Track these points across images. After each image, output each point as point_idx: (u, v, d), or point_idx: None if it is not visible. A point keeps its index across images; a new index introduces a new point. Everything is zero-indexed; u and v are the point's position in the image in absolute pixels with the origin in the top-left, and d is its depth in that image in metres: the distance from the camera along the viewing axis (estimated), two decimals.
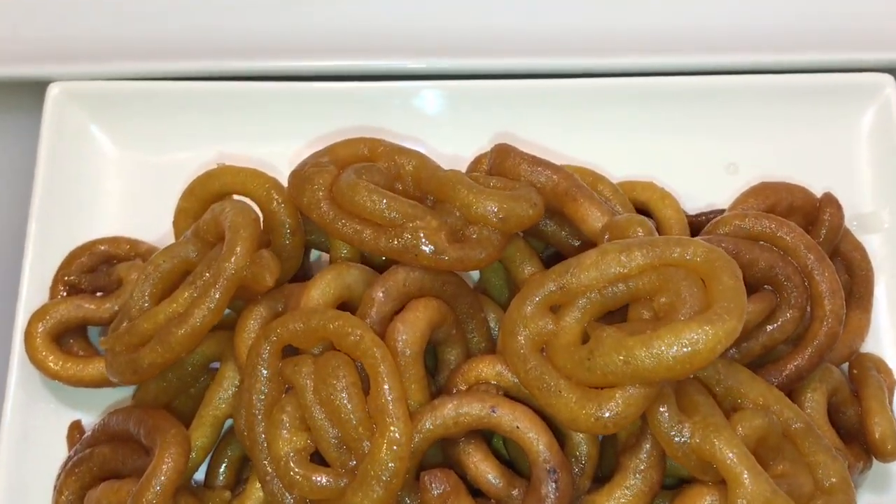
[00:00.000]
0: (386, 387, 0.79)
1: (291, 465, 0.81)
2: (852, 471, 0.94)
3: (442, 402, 0.83)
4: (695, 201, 1.09)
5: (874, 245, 1.08)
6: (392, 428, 0.78)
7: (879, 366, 1.01)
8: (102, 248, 1.05)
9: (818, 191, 1.06)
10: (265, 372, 0.85)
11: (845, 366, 1.02)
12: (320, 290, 0.88)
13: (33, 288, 1.03)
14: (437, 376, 0.91)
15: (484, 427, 0.83)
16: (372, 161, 0.95)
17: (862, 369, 1.00)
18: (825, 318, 0.93)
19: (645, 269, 0.82)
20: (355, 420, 0.80)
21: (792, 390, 0.94)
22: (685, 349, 0.76)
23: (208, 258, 0.90)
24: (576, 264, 0.84)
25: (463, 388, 0.86)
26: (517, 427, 0.82)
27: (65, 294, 1.03)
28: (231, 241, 0.88)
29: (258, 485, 0.88)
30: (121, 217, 1.10)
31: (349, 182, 0.89)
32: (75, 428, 1.00)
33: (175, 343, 0.86)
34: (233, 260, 0.87)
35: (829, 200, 1.03)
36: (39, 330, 0.99)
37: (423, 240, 0.86)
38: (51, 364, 0.98)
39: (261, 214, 0.96)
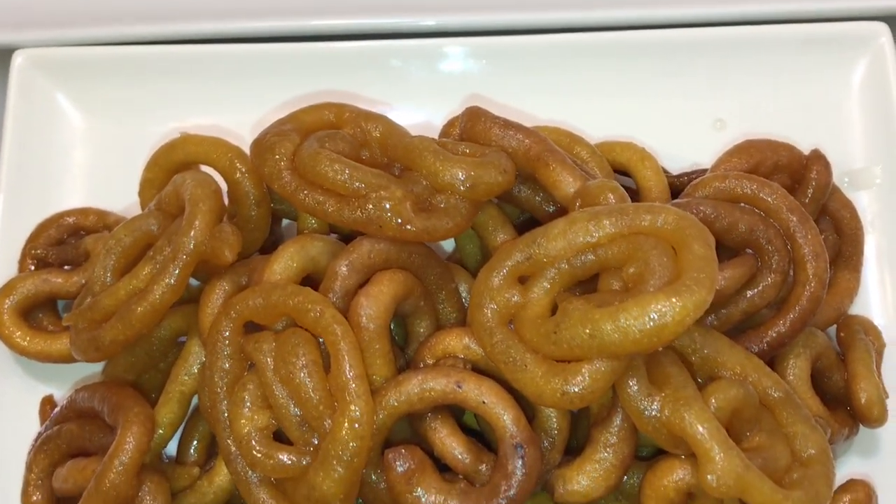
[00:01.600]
0: (346, 364, 0.77)
1: (254, 443, 0.80)
2: (838, 437, 0.92)
3: (406, 377, 0.81)
4: (680, 160, 1.06)
5: (864, 202, 1.05)
6: (352, 406, 0.76)
7: (868, 328, 0.98)
8: (70, 220, 1.04)
9: (808, 146, 1.02)
10: (226, 349, 0.83)
11: (833, 328, 0.99)
12: (282, 265, 0.85)
13: (1, 262, 1.02)
14: (406, 349, 0.89)
15: (449, 402, 0.81)
16: (338, 127, 0.92)
17: (849, 332, 0.97)
18: (808, 282, 0.90)
19: (614, 238, 0.79)
20: (316, 399, 0.78)
21: (774, 357, 0.92)
22: (652, 322, 0.73)
23: (169, 232, 0.88)
24: (543, 234, 0.81)
25: (430, 361, 0.84)
26: (483, 402, 0.79)
27: (33, 268, 1.01)
28: (190, 214, 0.86)
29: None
30: (88, 187, 1.08)
31: (311, 151, 0.87)
32: (47, 402, 0.99)
33: (135, 320, 0.84)
34: (191, 234, 0.85)
35: (817, 158, 1.00)
36: (6, 305, 0.97)
37: (388, 210, 0.83)
38: (18, 339, 0.97)
39: (225, 185, 0.94)
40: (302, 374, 0.78)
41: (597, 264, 0.80)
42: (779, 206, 0.91)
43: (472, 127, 0.92)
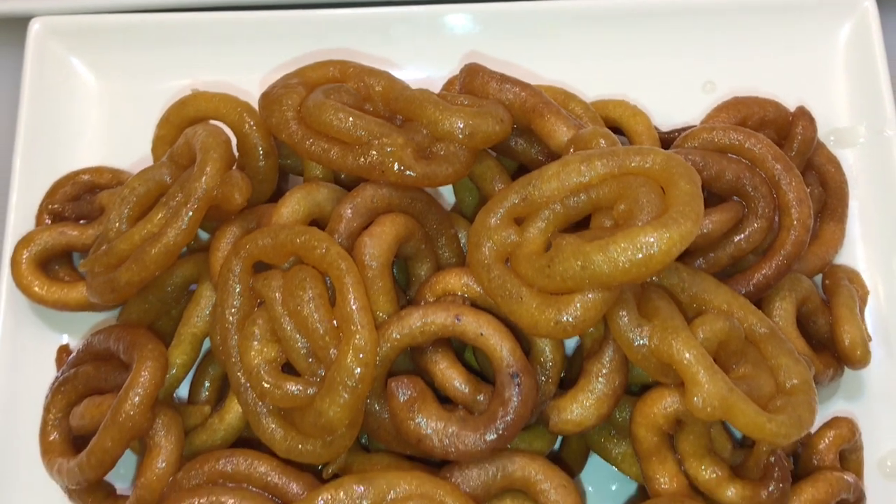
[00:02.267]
0: (351, 296, 0.81)
1: (263, 374, 0.83)
2: (822, 378, 0.96)
3: (408, 312, 0.85)
4: (672, 121, 1.10)
5: (850, 160, 1.09)
6: (357, 336, 0.80)
7: (852, 277, 1.02)
8: (85, 177, 1.08)
9: (796, 105, 1.06)
10: (237, 287, 0.87)
11: (819, 279, 1.03)
12: (290, 208, 0.89)
13: (19, 217, 1.06)
14: (408, 291, 0.93)
15: (449, 335, 0.84)
16: (342, 83, 0.96)
17: (834, 279, 1.01)
18: (792, 227, 0.94)
19: (605, 178, 0.83)
20: (322, 330, 0.82)
21: (761, 299, 0.95)
22: (640, 253, 0.77)
23: (181, 180, 0.92)
24: (538, 176, 0.85)
25: (431, 299, 0.88)
26: (481, 334, 0.83)
27: (49, 222, 1.05)
28: (202, 161, 0.90)
29: (236, 402, 0.91)
30: (103, 147, 1.11)
31: (317, 101, 0.91)
32: (63, 351, 1.02)
33: (150, 261, 0.88)
34: (203, 180, 0.89)
35: (802, 114, 1.04)
36: (25, 256, 1.01)
37: (390, 156, 0.88)
38: (36, 288, 1.00)
39: (234, 139, 0.98)
40: (309, 307, 0.82)
41: (589, 205, 0.84)
42: (764, 155, 0.95)
43: (471, 82, 0.96)
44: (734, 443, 0.90)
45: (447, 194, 1.05)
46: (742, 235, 0.94)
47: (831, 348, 0.98)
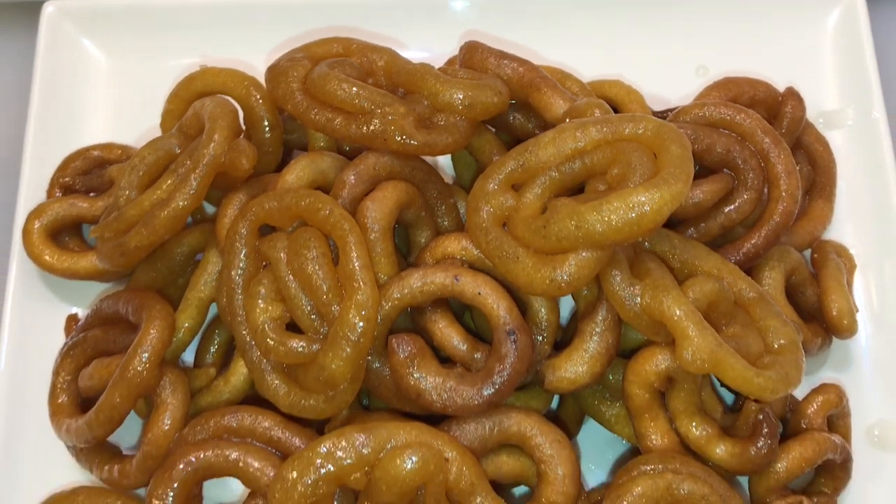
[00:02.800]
0: (353, 255, 0.84)
1: (268, 331, 0.86)
2: (811, 347, 0.98)
3: (408, 273, 0.88)
4: (665, 102, 1.13)
5: (839, 141, 1.12)
6: (360, 292, 0.83)
7: (840, 251, 1.05)
8: (95, 153, 1.11)
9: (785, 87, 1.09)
10: (243, 249, 0.90)
11: (808, 254, 1.06)
12: (295, 175, 0.92)
13: (31, 191, 1.09)
14: (408, 257, 0.96)
15: (448, 295, 0.87)
16: (346, 58, 0.99)
17: (822, 253, 1.04)
18: (781, 199, 0.97)
19: (599, 144, 0.86)
20: (325, 287, 0.84)
21: (750, 269, 0.98)
22: (633, 212, 0.79)
23: (189, 148, 0.95)
24: (534, 143, 0.88)
25: (431, 262, 0.91)
26: (479, 293, 0.86)
27: (60, 195, 1.08)
28: (210, 129, 0.93)
29: (242, 361, 0.94)
30: (113, 124, 1.15)
31: (322, 73, 0.94)
32: (72, 319, 1.05)
33: (159, 225, 0.91)
34: (211, 146, 0.92)
35: (791, 94, 1.07)
36: (36, 226, 1.04)
37: (392, 125, 0.91)
38: (46, 257, 1.03)
39: (241, 112, 1.01)
40: (313, 265, 0.85)
41: (584, 171, 0.87)
42: (753, 129, 0.98)
43: (471, 58, 0.99)
44: (724, 407, 0.93)
45: (446, 169, 1.08)
46: (732, 206, 0.97)
47: (819, 319, 1.01)
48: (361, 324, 0.82)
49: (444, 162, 1.08)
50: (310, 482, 0.79)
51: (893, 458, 0.99)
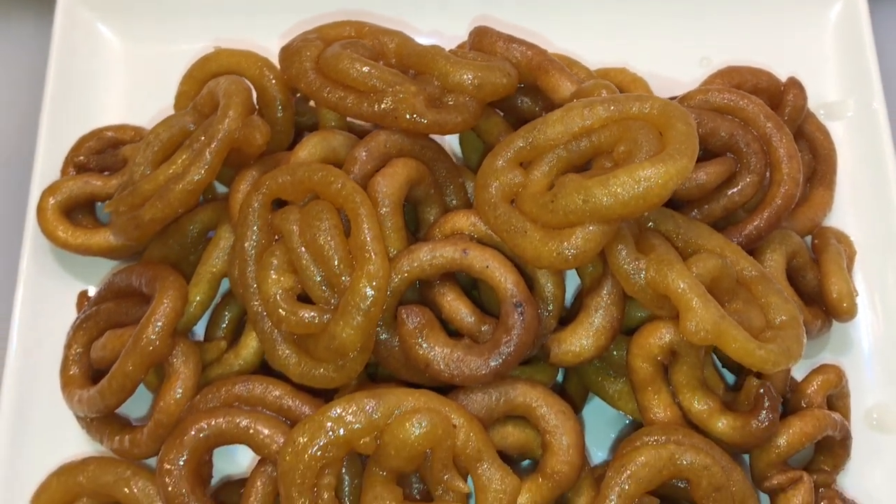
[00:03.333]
0: (365, 226, 0.86)
1: (279, 301, 0.88)
2: (811, 328, 1.00)
3: (418, 247, 0.89)
4: (669, 91, 1.14)
5: (840, 132, 1.14)
6: (371, 262, 0.85)
7: (840, 237, 1.07)
8: (109, 134, 1.12)
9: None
10: (256, 222, 0.91)
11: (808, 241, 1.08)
12: (307, 151, 0.94)
13: (46, 170, 1.10)
14: (417, 234, 0.98)
15: (456, 268, 0.89)
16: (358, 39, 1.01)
17: (823, 239, 1.06)
18: (783, 182, 0.98)
19: (606, 122, 0.88)
20: (337, 258, 0.86)
21: (752, 251, 1.00)
22: (639, 186, 0.81)
23: (204, 125, 0.97)
24: (542, 122, 0.90)
25: (439, 238, 0.92)
26: (487, 266, 0.88)
27: (74, 174, 1.10)
28: (225, 105, 0.95)
29: (253, 335, 0.95)
30: (127, 108, 1.16)
31: (334, 52, 0.96)
32: (83, 296, 1.07)
33: (173, 198, 0.93)
34: (226, 122, 0.94)
35: (793, 83, 1.09)
36: (51, 203, 1.06)
37: (403, 103, 0.93)
38: (60, 233, 1.05)
39: (255, 93, 1.03)
40: (325, 236, 0.86)
41: (591, 149, 0.89)
42: (756, 114, 1.00)
43: (480, 41, 1.02)
44: (726, 385, 0.95)
45: (455, 152, 1.10)
46: (735, 189, 0.99)
47: (819, 302, 1.02)
48: (372, 293, 0.84)
49: (453, 144, 1.10)
50: (320, 446, 0.80)
51: (891, 440, 1.00)
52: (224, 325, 1.01)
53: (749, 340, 0.83)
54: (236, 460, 0.99)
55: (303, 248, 0.88)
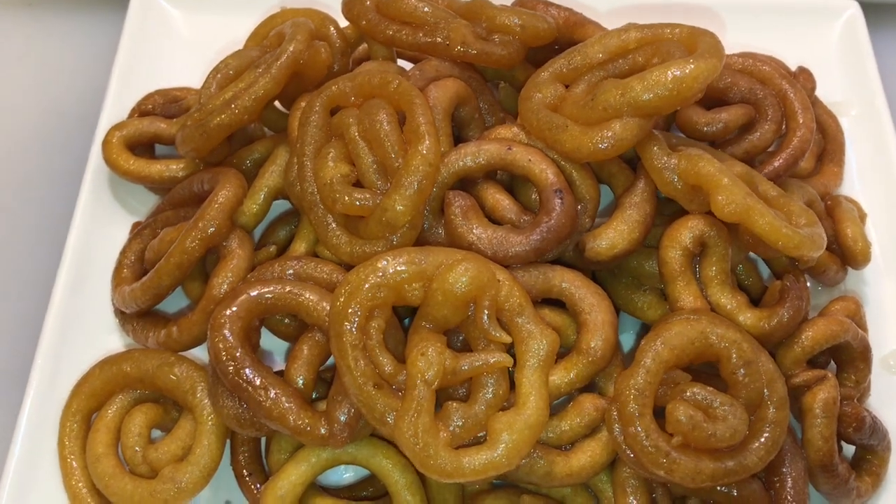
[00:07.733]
0: (419, 114, 0.93)
1: (335, 185, 0.94)
2: (828, 272, 1.06)
3: (465, 145, 0.97)
4: None
5: (845, 125, 1.24)
6: (424, 143, 0.91)
7: (851, 201, 1.14)
8: (174, 92, 1.22)
9: None
10: (316, 122, 0.98)
11: None
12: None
13: (112, 118, 1.19)
14: None
15: (500, 164, 0.96)
16: None
17: (835, 199, 1.13)
18: (798, 129, 1.07)
19: (641, 43, 0.97)
20: (391, 143, 0.93)
21: None
22: (674, 81, 0.90)
23: (271, 53, 1.06)
24: (582, 45, 1.00)
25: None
26: (529, 160, 0.95)
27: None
28: (291, 33, 1.04)
29: (303, 242, 1.01)
30: (190, 75, 1.26)
31: None
32: (137, 225, 1.12)
33: (240, 106, 1.01)
34: (292, 45, 1.03)
35: (803, 70, 1.20)
36: (116, 136, 1.13)
37: (453, 33, 1.02)
38: (122, 162, 1.11)
39: None
40: (381, 124, 0.93)
41: (628, 70, 0.98)
42: (772, 74, 1.10)
43: (522, 3, 1.13)
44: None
45: None
46: (756, 135, 1.07)
47: (835, 250, 1.08)
48: (425, 168, 0.90)
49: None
50: (373, 284, 0.84)
51: None
52: (273, 247, 1.06)
53: (776, 218, 0.89)
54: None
55: (359, 140, 0.95)
